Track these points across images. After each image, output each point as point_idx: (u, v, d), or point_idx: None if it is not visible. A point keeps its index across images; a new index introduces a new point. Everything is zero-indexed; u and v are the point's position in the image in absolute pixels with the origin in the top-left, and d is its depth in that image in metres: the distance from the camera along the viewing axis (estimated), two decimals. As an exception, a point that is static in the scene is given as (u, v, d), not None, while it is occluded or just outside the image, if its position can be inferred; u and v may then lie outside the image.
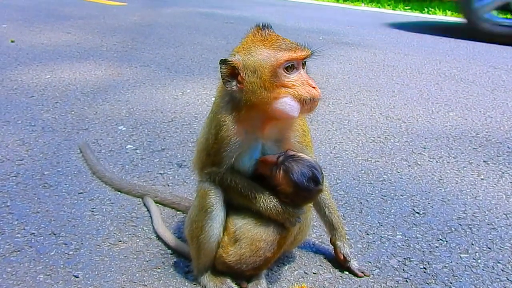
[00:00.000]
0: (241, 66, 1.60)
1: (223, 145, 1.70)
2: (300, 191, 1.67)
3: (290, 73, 1.61)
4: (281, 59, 1.58)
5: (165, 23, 7.79)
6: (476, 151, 3.28)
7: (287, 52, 1.59)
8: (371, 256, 2.09)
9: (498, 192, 2.71)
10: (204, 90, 4.30)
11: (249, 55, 1.61)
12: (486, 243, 2.22)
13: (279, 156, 1.70)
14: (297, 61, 1.62)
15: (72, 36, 6.35)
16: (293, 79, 1.61)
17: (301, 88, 1.60)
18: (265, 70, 1.59)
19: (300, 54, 1.61)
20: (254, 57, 1.60)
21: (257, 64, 1.60)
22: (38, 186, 2.54)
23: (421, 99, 4.39)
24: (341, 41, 6.97)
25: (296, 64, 1.62)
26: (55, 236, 2.13)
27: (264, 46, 1.61)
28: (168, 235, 2.14)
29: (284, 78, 1.60)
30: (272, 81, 1.60)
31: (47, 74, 4.52)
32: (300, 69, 1.63)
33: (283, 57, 1.58)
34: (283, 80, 1.60)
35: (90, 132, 3.26)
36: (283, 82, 1.60)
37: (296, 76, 1.62)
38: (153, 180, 2.68)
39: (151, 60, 5.31)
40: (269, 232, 1.70)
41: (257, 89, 1.60)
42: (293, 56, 1.60)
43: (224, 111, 1.70)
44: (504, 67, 5.84)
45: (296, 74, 1.62)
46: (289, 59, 1.59)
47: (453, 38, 7.84)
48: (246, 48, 1.64)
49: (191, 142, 3.18)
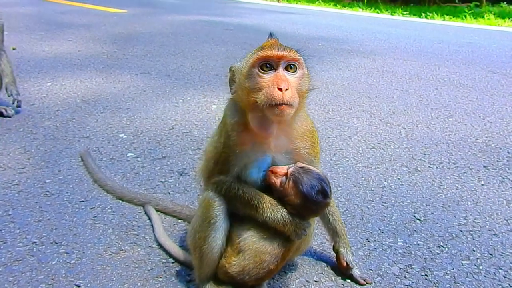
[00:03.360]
0: (237, 71, 1.63)
1: (231, 154, 1.68)
2: (308, 203, 1.66)
3: (264, 73, 1.55)
4: (255, 57, 1.55)
5: (165, 31, 7.83)
6: (476, 157, 3.29)
7: (262, 51, 1.55)
8: (373, 263, 2.09)
9: (498, 198, 2.72)
10: (204, 98, 4.32)
11: (241, 60, 1.64)
12: (487, 249, 2.22)
13: (289, 167, 1.68)
14: (273, 61, 1.55)
15: (73, 43, 6.38)
16: (266, 80, 1.54)
17: (267, 90, 1.52)
18: (243, 70, 1.59)
19: (275, 53, 1.54)
20: (243, 61, 1.62)
21: (242, 66, 1.61)
22: (39, 195, 2.54)
23: (420, 105, 4.40)
24: (340, 47, 7.01)
25: (274, 65, 1.55)
26: (56, 245, 2.13)
27: (255, 49, 1.61)
28: (169, 243, 2.15)
29: (258, 79, 1.54)
30: (247, 82, 1.56)
31: (48, 82, 4.54)
32: (278, 70, 1.55)
33: (257, 55, 1.55)
34: (257, 81, 1.54)
35: (91, 140, 3.27)
36: (257, 84, 1.54)
37: (270, 77, 1.54)
38: (154, 189, 2.68)
39: (152, 67, 5.33)
40: (274, 245, 1.70)
41: (240, 92, 1.61)
42: (266, 54, 1.54)
43: (230, 119, 1.68)
44: (502, 71, 5.87)
45: (270, 75, 1.55)
46: (262, 56, 1.54)
47: (451, 43, 7.88)
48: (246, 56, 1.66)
49: (191, 150, 3.19)
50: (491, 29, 10.28)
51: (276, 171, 1.68)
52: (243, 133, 1.65)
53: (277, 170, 1.69)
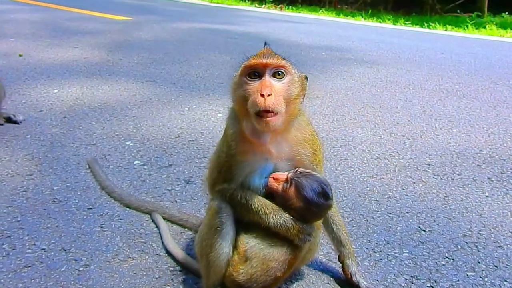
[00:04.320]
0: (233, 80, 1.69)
1: (233, 163, 1.72)
2: (311, 206, 1.70)
3: (251, 81, 1.59)
4: (243, 66, 1.61)
5: (170, 38, 7.90)
6: (480, 168, 3.31)
7: (250, 60, 1.60)
8: (378, 274, 2.10)
9: (503, 210, 2.73)
10: (209, 106, 4.36)
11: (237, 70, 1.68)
12: (492, 261, 2.23)
13: (289, 173, 1.72)
14: (260, 68, 1.58)
15: (79, 50, 6.44)
16: (253, 87, 1.57)
17: (253, 97, 1.56)
18: (235, 79, 1.66)
19: (260, 61, 1.57)
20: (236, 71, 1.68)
21: (235, 75, 1.67)
22: (47, 202, 2.57)
23: (424, 115, 4.43)
24: (343, 57, 7.05)
25: (261, 72, 1.58)
26: (65, 252, 2.15)
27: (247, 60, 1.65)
28: (177, 251, 2.16)
29: (246, 87, 1.58)
30: (238, 91, 1.61)
31: (55, 89, 4.58)
32: (264, 77, 1.58)
33: (244, 64, 1.60)
34: (245, 89, 1.58)
35: (98, 147, 3.30)
36: (245, 92, 1.58)
37: (256, 84, 1.58)
38: (161, 197, 2.71)
39: (157, 75, 5.38)
40: (281, 252, 1.72)
41: (234, 101, 1.67)
42: (251, 62, 1.58)
43: (230, 129, 1.73)
44: (506, 82, 5.90)
45: (257, 82, 1.58)
46: (248, 65, 1.59)
47: (453, 53, 7.93)
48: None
49: (198, 158, 3.22)
50: (493, 39, 10.32)
51: (277, 177, 1.72)
52: (243, 142, 1.69)
53: (278, 176, 1.72)
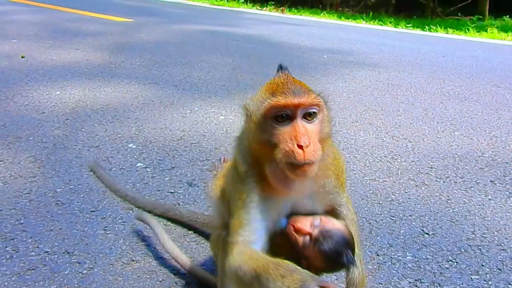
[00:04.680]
0: (245, 110, 1.43)
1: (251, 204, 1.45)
2: (331, 266, 1.57)
3: (279, 125, 1.33)
4: (268, 105, 1.32)
5: (171, 41, 7.91)
6: (483, 171, 3.31)
7: (276, 98, 1.32)
8: (382, 277, 2.10)
9: (506, 213, 2.73)
10: (212, 108, 4.36)
11: (252, 99, 1.42)
12: (496, 264, 2.23)
13: (313, 225, 1.51)
14: (290, 110, 1.32)
15: (81, 52, 6.45)
16: (282, 133, 1.32)
17: (285, 145, 1.31)
18: (253, 117, 1.37)
19: (291, 101, 1.30)
20: (253, 102, 1.40)
21: (250, 110, 1.39)
22: (50, 204, 2.57)
23: (426, 118, 4.43)
24: (345, 60, 7.06)
25: (291, 114, 1.33)
26: (68, 254, 2.15)
27: (265, 90, 1.39)
28: (177, 251, 2.13)
29: (273, 131, 1.33)
30: (259, 132, 1.35)
31: (57, 91, 4.59)
32: (296, 120, 1.33)
33: (270, 103, 1.32)
34: (272, 134, 1.33)
35: (101, 150, 3.30)
36: (271, 137, 1.33)
37: (287, 129, 1.32)
38: (164, 199, 2.70)
39: (159, 77, 5.39)
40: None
41: (249, 138, 1.41)
42: (280, 103, 1.31)
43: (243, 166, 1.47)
44: (507, 86, 5.90)
45: (287, 127, 1.33)
46: (277, 105, 1.31)
47: (455, 56, 7.94)
48: (258, 91, 1.44)
49: (200, 161, 3.22)
50: (494, 42, 10.34)
51: (299, 228, 1.51)
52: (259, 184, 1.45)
53: (300, 227, 1.51)
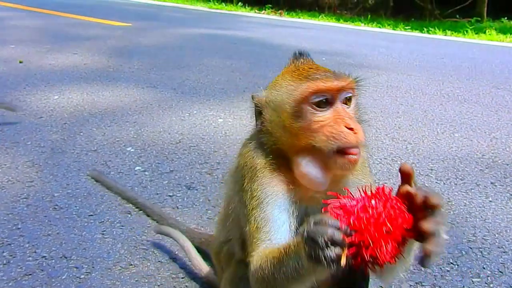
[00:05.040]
0: (263, 102, 1.34)
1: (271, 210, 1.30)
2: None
3: (320, 110, 1.24)
4: (306, 91, 1.24)
5: (170, 44, 7.91)
6: (483, 173, 3.29)
7: (315, 82, 1.24)
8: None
9: (507, 215, 2.71)
10: (210, 111, 4.35)
11: (274, 89, 1.33)
12: (497, 266, 2.21)
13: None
14: (331, 94, 1.25)
15: (79, 56, 6.44)
16: (324, 118, 1.24)
17: (330, 128, 1.22)
18: (286, 106, 1.27)
19: (334, 84, 1.24)
20: (277, 92, 1.31)
21: (278, 99, 1.29)
22: (48, 208, 2.55)
23: (425, 120, 4.42)
24: (344, 62, 7.05)
25: (330, 99, 1.25)
26: (66, 259, 2.13)
27: (291, 77, 1.30)
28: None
29: (311, 117, 1.24)
30: (294, 120, 1.26)
31: (55, 95, 4.58)
32: (337, 104, 1.26)
33: (309, 88, 1.24)
34: (311, 120, 1.24)
35: (99, 154, 3.28)
36: (310, 123, 1.24)
37: (329, 114, 1.24)
38: (163, 203, 2.69)
39: (158, 81, 5.38)
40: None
41: (277, 131, 1.30)
42: (323, 87, 1.23)
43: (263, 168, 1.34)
44: (506, 87, 5.90)
45: (329, 111, 1.25)
46: (317, 90, 1.23)
47: (454, 58, 7.94)
48: (274, 81, 1.36)
49: (199, 164, 3.20)
50: (493, 44, 10.35)
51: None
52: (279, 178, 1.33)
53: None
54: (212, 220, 2.53)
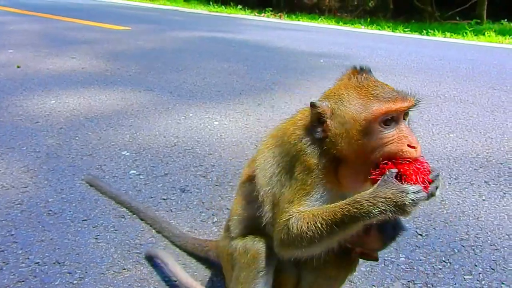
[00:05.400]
0: (329, 114, 1.41)
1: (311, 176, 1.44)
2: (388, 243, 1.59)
3: (387, 128, 1.34)
4: (377, 112, 1.33)
5: (169, 48, 7.94)
6: (477, 172, 3.29)
7: (385, 104, 1.33)
8: (375, 279, 2.09)
9: (500, 213, 2.72)
10: (206, 114, 4.36)
11: (340, 103, 1.40)
12: (489, 264, 2.21)
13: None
14: (397, 114, 1.35)
15: (76, 61, 6.47)
16: (389, 135, 1.34)
17: (395, 145, 1.33)
18: (356, 123, 1.36)
19: (401, 106, 1.34)
20: (345, 107, 1.38)
21: (347, 115, 1.37)
22: (42, 214, 2.56)
23: (421, 121, 4.43)
24: (342, 64, 7.06)
25: (396, 117, 1.35)
26: (59, 265, 2.14)
27: (358, 94, 1.38)
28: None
29: (379, 135, 1.34)
30: (362, 137, 1.35)
31: (52, 100, 4.60)
32: (400, 123, 1.36)
33: (380, 109, 1.33)
34: (377, 137, 1.34)
35: (94, 158, 3.29)
36: (377, 141, 1.34)
37: (394, 131, 1.34)
38: (157, 206, 2.70)
39: (155, 84, 5.40)
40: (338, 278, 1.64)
41: (341, 142, 1.39)
42: (392, 108, 1.33)
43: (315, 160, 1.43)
44: (503, 88, 5.90)
45: (394, 130, 1.34)
46: (387, 112, 1.33)
47: (452, 59, 7.94)
48: (338, 94, 1.42)
49: (194, 167, 3.21)
50: (491, 46, 10.34)
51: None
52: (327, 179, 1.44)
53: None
54: (205, 223, 2.55)
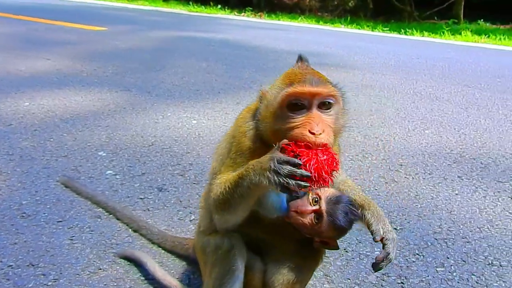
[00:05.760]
0: (263, 97, 1.46)
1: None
2: (344, 232, 1.57)
3: (296, 113, 1.34)
4: (284, 95, 1.34)
5: (146, 47, 7.86)
6: (451, 167, 3.37)
7: (293, 87, 1.34)
8: (350, 273, 2.12)
9: (471, 207, 2.79)
10: (184, 113, 4.34)
11: (271, 87, 1.46)
12: (461, 256, 2.27)
13: (313, 201, 1.53)
14: (306, 99, 1.34)
15: (51, 62, 6.35)
16: (297, 120, 1.33)
17: (298, 130, 1.32)
18: (271, 106, 1.39)
19: (307, 90, 1.32)
20: (271, 90, 1.44)
21: (269, 98, 1.42)
22: (16, 217, 2.51)
23: (397, 118, 4.51)
24: (320, 62, 7.12)
25: (307, 104, 1.34)
26: (33, 267, 2.10)
27: (282, 79, 1.42)
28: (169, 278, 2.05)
29: (288, 120, 1.35)
30: (275, 120, 1.38)
31: (26, 102, 4.50)
32: (312, 109, 1.35)
33: (287, 93, 1.34)
34: (286, 121, 1.35)
35: (70, 159, 3.24)
36: (285, 124, 1.35)
37: (303, 117, 1.34)
38: (134, 205, 2.67)
39: (132, 84, 5.34)
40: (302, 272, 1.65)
41: (264, 125, 1.43)
42: (297, 91, 1.33)
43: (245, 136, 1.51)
44: (477, 86, 6.05)
45: (303, 116, 1.34)
46: (291, 93, 1.33)
47: (429, 58, 8.10)
48: (276, 80, 1.48)
49: (171, 166, 3.20)
50: (468, 45, 10.58)
51: (301, 210, 1.52)
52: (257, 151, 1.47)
53: (302, 209, 1.52)
54: (183, 221, 2.54)
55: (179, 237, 2.31)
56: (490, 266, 2.21)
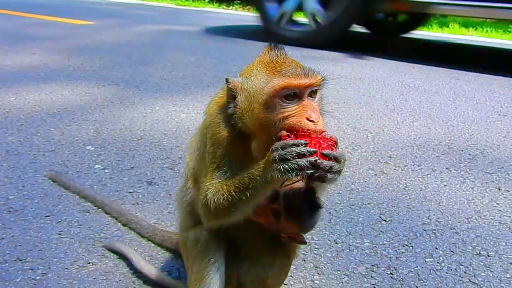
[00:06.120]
0: (238, 89, 1.42)
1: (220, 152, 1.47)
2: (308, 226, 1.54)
3: (288, 103, 1.36)
4: (277, 86, 1.35)
5: (134, 41, 7.78)
6: (439, 159, 3.40)
7: (286, 79, 1.35)
8: (340, 264, 2.13)
9: (460, 198, 2.82)
10: (173, 107, 4.31)
11: (248, 78, 1.42)
12: (449, 246, 2.30)
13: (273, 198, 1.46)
14: (299, 89, 1.36)
15: (37, 56, 6.25)
16: (290, 110, 1.35)
17: (294, 118, 1.34)
18: (258, 97, 1.38)
19: (303, 82, 1.36)
20: (252, 81, 1.40)
21: (252, 90, 1.39)
22: (2, 212, 2.47)
23: (386, 110, 4.53)
24: (309, 55, 7.13)
25: (299, 93, 1.37)
26: (21, 262, 2.08)
27: (265, 69, 1.40)
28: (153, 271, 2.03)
29: (280, 109, 1.36)
30: (264, 111, 1.37)
31: (12, 97, 4.43)
32: (303, 98, 1.37)
33: (280, 84, 1.35)
34: (279, 111, 1.36)
35: (57, 154, 3.20)
36: (278, 114, 1.36)
37: (296, 106, 1.36)
38: (123, 200, 2.65)
39: (120, 78, 5.28)
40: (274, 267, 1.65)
41: (246, 117, 1.41)
42: (292, 83, 1.35)
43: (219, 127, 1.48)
44: (465, 77, 6.11)
45: (296, 105, 1.37)
46: (287, 86, 1.35)
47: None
48: (250, 69, 1.45)
49: (160, 160, 3.18)
50: (455, 37, 10.68)
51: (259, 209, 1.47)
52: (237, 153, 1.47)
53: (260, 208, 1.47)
54: (173, 215, 2.52)
55: (169, 231, 2.29)
56: (478, 256, 2.24)
